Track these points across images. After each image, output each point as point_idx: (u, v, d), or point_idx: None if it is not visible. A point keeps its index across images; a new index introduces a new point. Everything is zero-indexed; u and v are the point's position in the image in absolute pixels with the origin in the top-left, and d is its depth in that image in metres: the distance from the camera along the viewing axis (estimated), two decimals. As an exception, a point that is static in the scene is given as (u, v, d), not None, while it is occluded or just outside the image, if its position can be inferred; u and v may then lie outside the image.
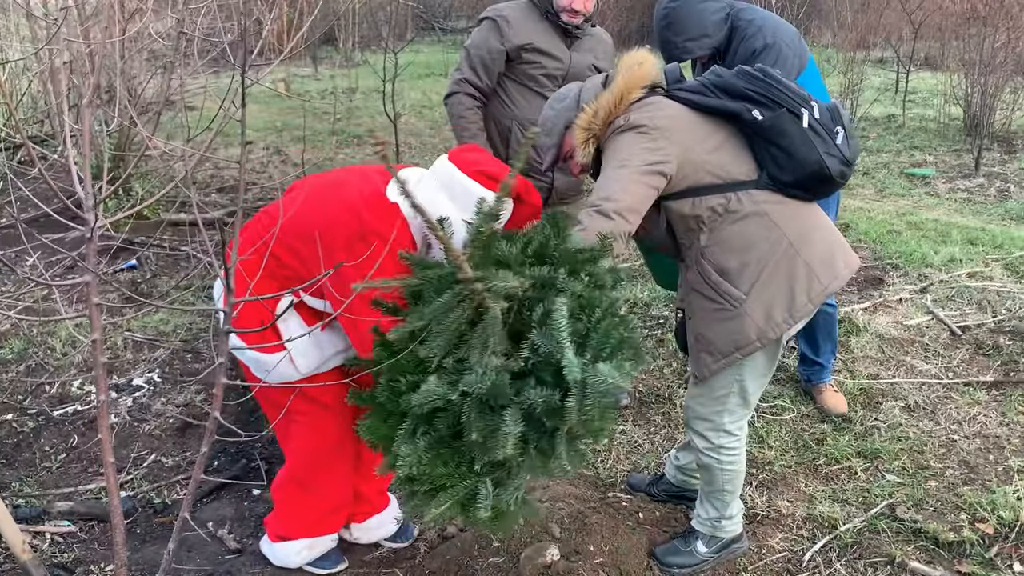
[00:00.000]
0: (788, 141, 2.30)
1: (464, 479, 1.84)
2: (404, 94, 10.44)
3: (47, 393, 3.85)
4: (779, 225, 2.36)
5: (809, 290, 2.38)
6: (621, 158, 2.31)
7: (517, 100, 3.22)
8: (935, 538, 2.90)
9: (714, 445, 2.61)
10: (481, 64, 3.23)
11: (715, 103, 2.36)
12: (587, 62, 3.22)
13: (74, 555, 2.86)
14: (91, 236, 1.44)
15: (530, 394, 1.76)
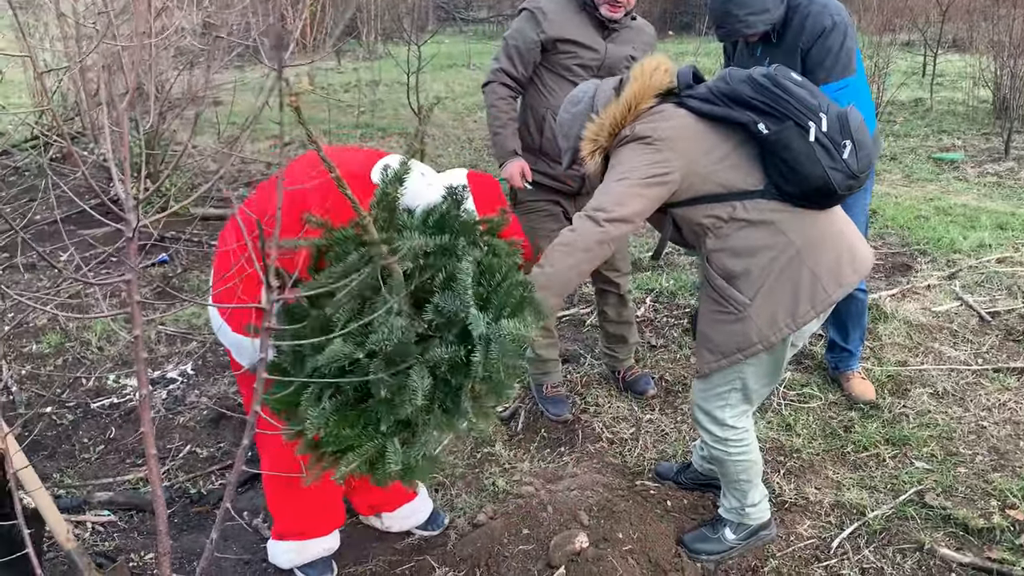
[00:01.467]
0: (792, 155, 2.27)
1: (372, 439, 1.86)
2: (427, 86, 10.47)
3: (84, 386, 3.94)
4: (785, 233, 2.36)
5: (813, 298, 2.38)
6: (622, 170, 2.34)
7: (552, 89, 3.24)
8: (965, 524, 2.90)
9: (719, 438, 2.63)
10: (517, 54, 3.26)
11: (721, 112, 2.35)
12: (624, 53, 3.21)
13: (115, 544, 2.94)
14: (132, 236, 1.48)
15: (435, 352, 1.80)
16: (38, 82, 6.87)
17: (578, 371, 4.03)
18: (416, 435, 1.90)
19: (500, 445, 3.45)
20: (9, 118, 7.22)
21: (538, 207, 3.42)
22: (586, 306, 4.71)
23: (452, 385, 1.87)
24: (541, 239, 3.43)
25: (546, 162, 3.32)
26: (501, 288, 1.91)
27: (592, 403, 3.78)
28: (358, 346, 1.81)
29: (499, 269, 1.95)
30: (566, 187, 3.34)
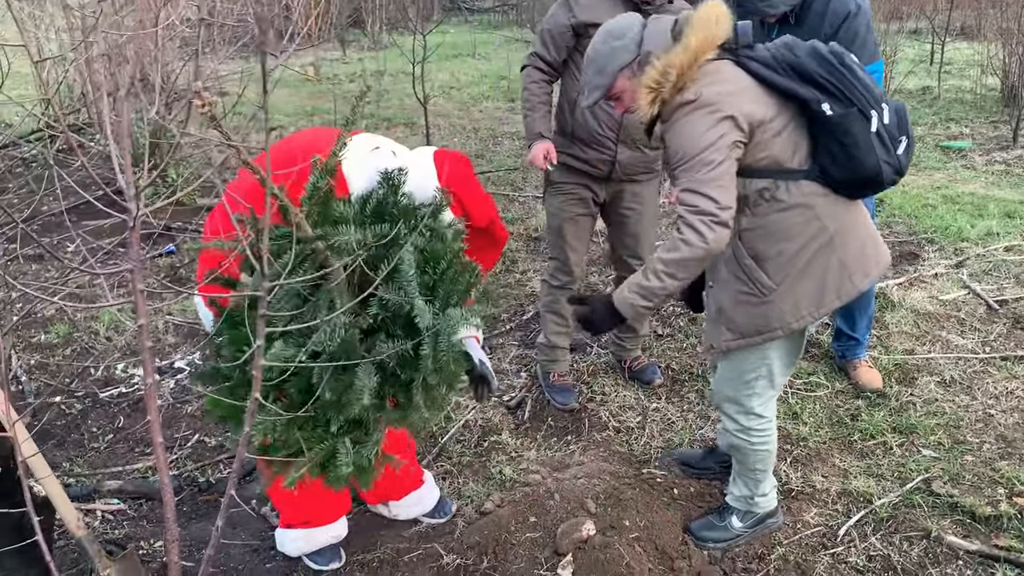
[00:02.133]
0: (852, 141, 2.21)
1: (322, 441, 1.80)
2: (432, 75, 10.45)
3: (92, 376, 3.96)
4: (821, 219, 2.32)
5: (839, 288, 2.36)
6: (706, 144, 2.19)
7: None
8: (972, 512, 2.90)
9: (744, 427, 2.63)
10: (550, 39, 3.28)
11: (785, 84, 2.25)
12: None
13: (124, 532, 2.95)
14: (134, 225, 1.48)
15: (382, 348, 1.74)
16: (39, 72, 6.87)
17: (584, 360, 4.04)
18: (368, 433, 1.86)
19: (507, 434, 3.46)
20: (16, 109, 7.23)
21: (567, 190, 3.43)
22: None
23: (402, 380, 1.81)
24: (566, 222, 3.44)
25: (579, 146, 3.32)
26: (447, 276, 1.86)
27: (599, 392, 3.78)
28: (300, 348, 1.73)
29: (444, 255, 1.89)
30: (597, 171, 3.33)
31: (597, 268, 5.00)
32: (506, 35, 14.48)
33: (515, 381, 3.90)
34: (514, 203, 6.20)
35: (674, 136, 2.25)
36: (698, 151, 2.19)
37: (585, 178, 3.38)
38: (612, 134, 3.24)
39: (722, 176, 2.18)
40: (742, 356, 2.53)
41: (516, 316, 4.53)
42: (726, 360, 2.59)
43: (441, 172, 2.36)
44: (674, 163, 2.25)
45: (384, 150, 2.30)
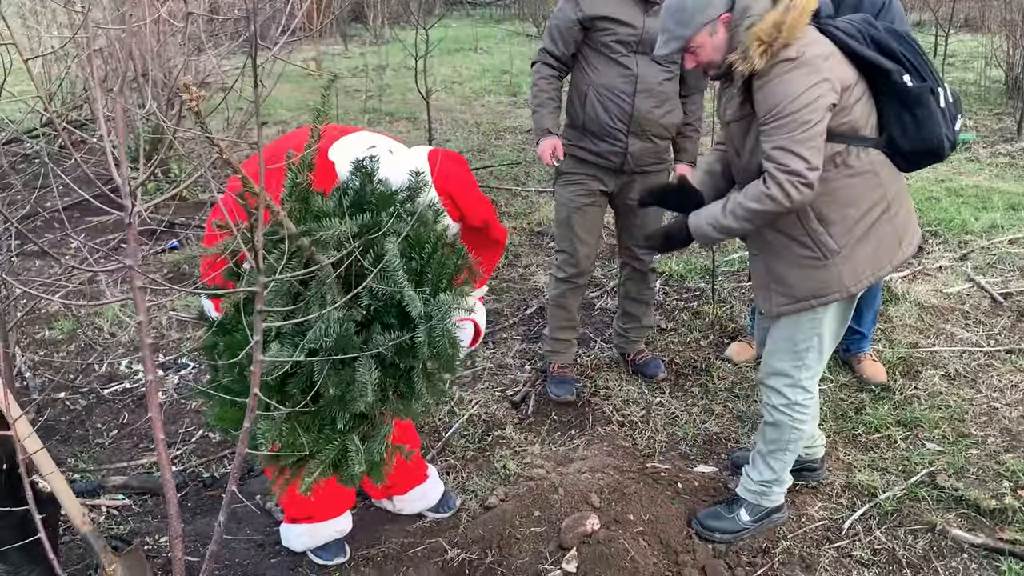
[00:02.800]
0: (925, 113, 2.32)
1: (330, 441, 1.80)
2: (435, 70, 10.43)
3: (96, 372, 3.96)
4: (884, 186, 2.41)
5: (892, 256, 2.46)
6: (805, 103, 2.22)
7: (594, 66, 3.24)
8: (976, 505, 2.89)
9: (790, 401, 2.63)
10: (558, 33, 3.28)
11: (869, 55, 2.32)
12: None
13: (129, 527, 2.96)
14: (130, 221, 1.48)
15: (378, 340, 1.74)
16: (36, 69, 6.87)
17: (588, 354, 4.03)
18: (375, 427, 1.86)
19: (510, 428, 3.46)
20: (19, 105, 7.23)
21: (576, 180, 3.42)
22: (595, 290, 4.70)
23: (402, 369, 1.82)
24: (575, 212, 3.44)
25: (590, 139, 3.32)
26: (434, 259, 1.86)
27: (602, 386, 3.78)
28: (296, 347, 1.72)
29: (428, 239, 1.88)
30: (608, 163, 3.33)
31: (601, 262, 4.99)
32: (508, 29, 14.45)
33: (519, 376, 3.89)
34: (517, 197, 6.20)
35: (771, 92, 2.26)
36: (796, 109, 2.23)
37: (596, 169, 3.38)
38: (623, 126, 3.24)
39: (815, 137, 2.24)
40: (795, 326, 2.55)
41: (520, 311, 4.53)
42: (778, 331, 2.60)
43: (436, 171, 2.36)
44: (767, 118, 2.28)
45: (380, 148, 2.30)
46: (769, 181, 2.27)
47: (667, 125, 3.29)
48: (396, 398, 1.86)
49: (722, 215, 2.40)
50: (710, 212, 2.45)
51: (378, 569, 2.69)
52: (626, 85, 3.19)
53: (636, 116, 3.21)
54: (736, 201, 2.37)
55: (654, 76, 3.20)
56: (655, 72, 3.20)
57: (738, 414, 3.53)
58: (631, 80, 3.19)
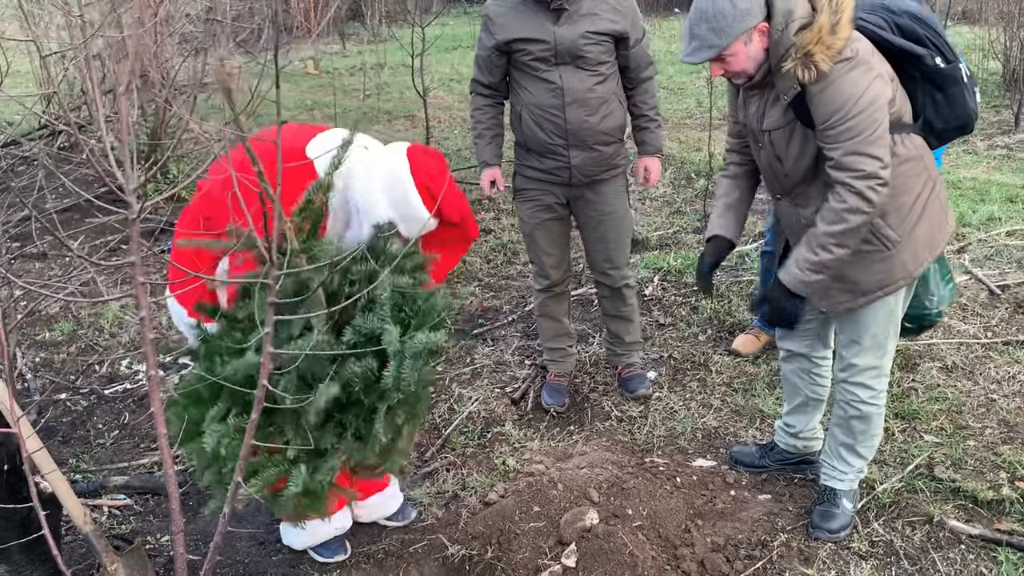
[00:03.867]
0: (957, 91, 2.36)
1: (277, 465, 1.81)
2: (432, 68, 10.44)
3: (97, 373, 3.98)
4: (928, 169, 2.44)
5: (944, 231, 2.51)
6: (868, 102, 2.21)
7: (522, 85, 3.22)
8: (974, 497, 2.91)
9: (878, 391, 2.65)
10: (483, 62, 3.29)
11: (901, 43, 2.34)
12: (579, 32, 3.09)
13: (131, 527, 2.98)
14: (135, 219, 1.49)
15: (350, 368, 1.76)
16: (43, 68, 6.88)
17: (586, 350, 4.04)
18: (325, 460, 1.86)
19: (510, 424, 3.47)
20: (17, 107, 7.24)
21: (531, 196, 3.41)
22: (594, 286, 4.71)
23: (365, 406, 1.83)
24: (536, 228, 3.43)
25: (535, 157, 3.31)
26: (421, 310, 1.91)
27: (601, 382, 3.79)
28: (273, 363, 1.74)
29: (421, 296, 1.94)
30: (556, 177, 3.30)
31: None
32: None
33: (518, 373, 3.91)
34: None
35: (834, 95, 2.22)
36: (862, 109, 2.21)
37: (547, 184, 3.35)
38: (562, 140, 3.20)
39: (884, 135, 2.24)
40: (874, 320, 2.55)
41: (518, 308, 4.54)
42: (855, 329, 2.58)
43: (415, 166, 2.37)
44: (833, 123, 2.23)
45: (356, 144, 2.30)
46: (846, 193, 2.24)
47: (607, 130, 3.22)
48: (353, 438, 1.86)
49: (812, 255, 2.34)
50: (798, 259, 2.38)
51: (379, 566, 2.71)
52: (555, 99, 3.14)
53: (571, 129, 3.16)
54: (818, 234, 2.32)
55: (581, 84, 3.13)
56: (581, 79, 3.12)
57: (736, 408, 3.55)
58: (558, 93, 3.13)
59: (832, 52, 2.20)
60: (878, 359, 2.62)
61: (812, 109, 2.28)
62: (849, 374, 2.66)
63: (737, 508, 2.94)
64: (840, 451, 2.78)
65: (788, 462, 3.09)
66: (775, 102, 2.38)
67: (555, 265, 3.50)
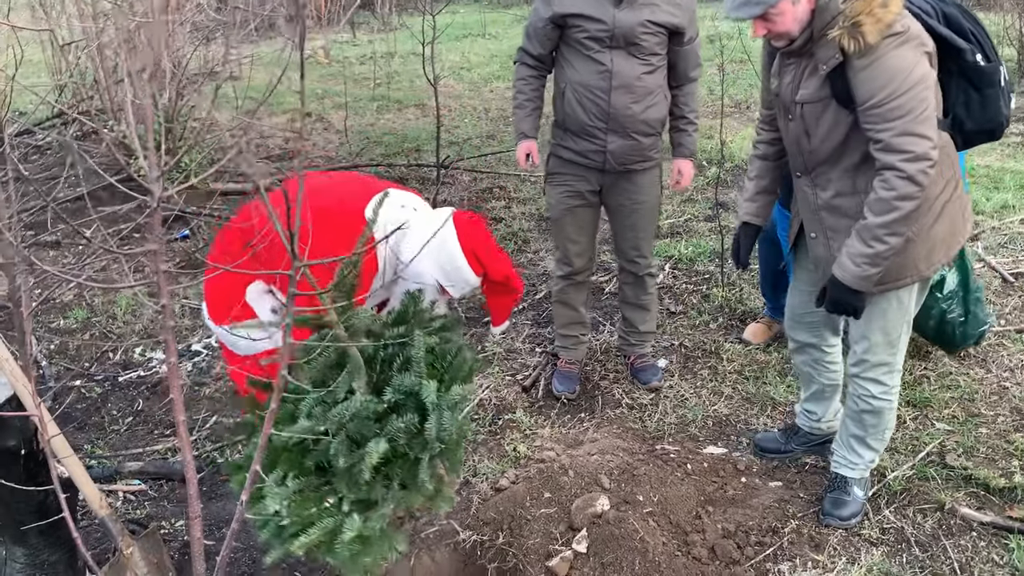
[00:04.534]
0: (993, 93, 2.28)
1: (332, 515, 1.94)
2: (443, 56, 10.42)
3: (111, 360, 4.01)
4: (954, 166, 2.39)
5: (962, 233, 2.45)
6: (917, 79, 2.13)
7: (570, 63, 3.19)
8: (985, 484, 2.90)
9: (889, 387, 2.64)
10: (533, 33, 3.25)
11: (945, 33, 2.25)
12: (639, 19, 3.07)
13: (145, 512, 3.01)
14: (156, 206, 1.51)
15: (393, 425, 1.89)
16: (59, 57, 6.90)
17: (597, 338, 4.05)
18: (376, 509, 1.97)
19: (521, 412, 3.48)
20: (29, 97, 7.27)
21: (563, 181, 3.38)
22: (604, 274, 4.72)
23: (410, 458, 1.95)
24: (564, 214, 3.41)
25: (571, 137, 3.28)
26: (452, 365, 2.05)
27: (612, 370, 3.80)
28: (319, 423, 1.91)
29: (451, 352, 2.08)
30: (589, 162, 3.27)
31: (609, 248, 4.99)
32: (517, 14, 14.41)
33: (528, 360, 3.92)
34: (526, 183, 6.20)
35: (882, 70, 2.14)
36: (912, 85, 2.13)
37: (580, 169, 3.32)
38: (601, 124, 3.17)
39: (933, 115, 2.17)
40: (885, 318, 2.53)
41: (529, 295, 4.55)
42: (867, 326, 2.56)
43: (462, 234, 2.48)
44: (880, 100, 2.15)
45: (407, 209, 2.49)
46: (895, 179, 2.17)
47: (648, 121, 3.20)
48: (399, 487, 1.98)
49: (867, 248, 2.28)
50: (852, 254, 2.32)
51: (391, 550, 2.73)
52: (601, 81, 3.12)
53: (613, 113, 3.14)
54: (870, 226, 2.26)
55: (631, 71, 3.11)
56: (632, 66, 3.10)
57: (747, 396, 3.55)
58: (606, 76, 3.11)
59: (882, 25, 2.11)
60: (890, 356, 2.61)
61: (855, 85, 2.20)
62: (861, 369, 2.64)
63: (748, 495, 2.95)
64: (851, 442, 2.78)
65: (813, 443, 3.09)
66: (812, 73, 2.30)
67: (579, 253, 3.49)
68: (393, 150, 7.08)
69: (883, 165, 2.20)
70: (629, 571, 2.50)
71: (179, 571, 2.62)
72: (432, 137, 6.07)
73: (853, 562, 2.62)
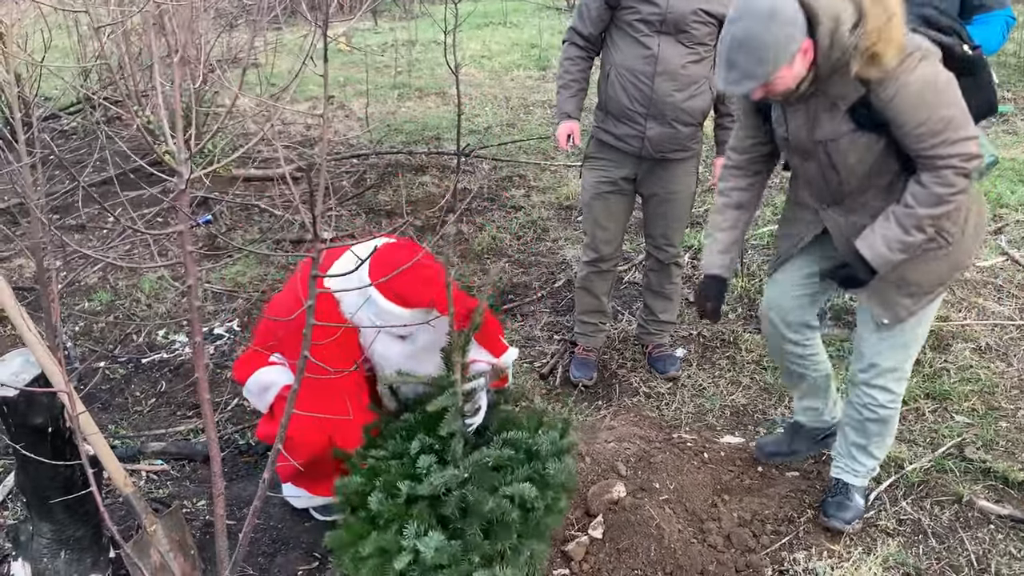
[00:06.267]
0: (985, 76, 2.31)
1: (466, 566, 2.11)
2: (464, 44, 10.41)
3: (135, 342, 4.07)
4: None
5: (985, 229, 2.49)
6: (944, 86, 2.14)
7: (617, 45, 3.19)
8: (1004, 477, 2.90)
9: (896, 394, 2.60)
10: (586, 11, 3.25)
11: (934, 36, 2.24)
12: (691, 7, 3.04)
13: (168, 491, 3.05)
14: (184, 188, 1.53)
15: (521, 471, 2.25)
16: (84, 43, 6.96)
17: (615, 327, 4.06)
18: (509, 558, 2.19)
19: (538, 399, 3.50)
20: (55, 82, 7.35)
21: (600, 166, 3.38)
22: (624, 263, 4.72)
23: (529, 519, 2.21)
24: (595, 198, 3.41)
25: (612, 121, 3.28)
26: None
27: (629, 358, 3.81)
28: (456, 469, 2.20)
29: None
30: (628, 147, 3.26)
31: (630, 236, 5.00)
32: (538, 2, 14.36)
33: (546, 348, 3.93)
34: (546, 172, 6.21)
35: (914, 94, 2.13)
36: (944, 96, 2.14)
37: (618, 155, 3.32)
38: (642, 109, 3.17)
39: (967, 111, 2.17)
40: (916, 322, 2.50)
41: (548, 284, 4.56)
42: (893, 333, 2.51)
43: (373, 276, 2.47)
44: (923, 121, 2.14)
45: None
46: (953, 176, 2.17)
47: (690, 110, 3.18)
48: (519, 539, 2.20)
49: (906, 235, 2.27)
50: (888, 238, 2.30)
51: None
52: (646, 66, 3.11)
53: (655, 99, 3.14)
54: (916, 215, 2.24)
55: (677, 58, 3.09)
56: (678, 53, 3.09)
57: (765, 386, 3.55)
58: (651, 61, 3.10)
59: (897, 45, 2.09)
60: (903, 361, 2.57)
61: (891, 114, 2.17)
62: (870, 375, 2.59)
63: (764, 484, 2.95)
64: (852, 450, 2.75)
65: (819, 439, 3.06)
66: (829, 110, 2.27)
67: (607, 240, 3.48)
68: (414, 138, 7.09)
69: (939, 166, 2.18)
70: (645, 557, 2.52)
71: (201, 549, 2.66)
72: (452, 125, 6.07)
73: (869, 552, 2.63)
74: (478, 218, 5.36)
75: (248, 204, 5.58)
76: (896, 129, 2.19)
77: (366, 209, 5.54)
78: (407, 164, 6.39)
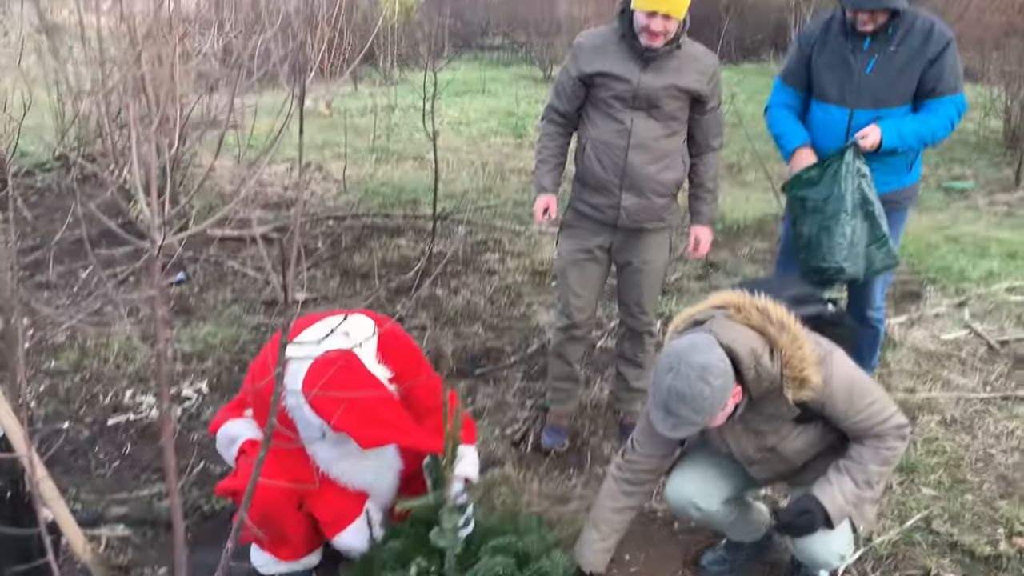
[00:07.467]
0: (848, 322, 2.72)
1: None
2: (442, 111, 10.59)
3: (101, 403, 4.00)
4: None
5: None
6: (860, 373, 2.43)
7: (593, 120, 3.28)
8: (971, 551, 2.91)
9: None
10: (562, 90, 3.35)
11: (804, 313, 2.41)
12: (664, 83, 3.15)
13: (129, 558, 2.98)
14: (157, 253, 1.54)
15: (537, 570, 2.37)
16: (66, 104, 7.00)
17: (587, 394, 4.07)
18: None
19: (510, 466, 3.48)
20: (32, 138, 7.35)
21: (576, 235, 3.44)
22: (597, 329, 4.75)
23: None
24: (570, 265, 3.45)
25: (588, 192, 3.35)
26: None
27: (601, 426, 3.81)
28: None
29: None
30: (604, 216, 3.33)
31: (603, 302, 5.03)
32: (516, 72, 14.69)
33: (519, 414, 3.93)
34: (520, 237, 6.27)
35: (841, 392, 2.34)
36: (866, 383, 2.41)
37: (594, 224, 3.38)
38: (617, 180, 3.25)
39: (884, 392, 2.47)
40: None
41: (520, 349, 4.57)
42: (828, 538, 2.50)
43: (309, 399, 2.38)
44: (856, 411, 2.36)
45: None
46: (893, 441, 2.40)
47: (663, 182, 3.27)
48: None
49: (861, 489, 2.40)
50: (846, 491, 2.39)
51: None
52: (620, 139, 3.21)
53: (629, 171, 3.22)
54: (871, 471, 2.39)
55: (649, 132, 3.19)
56: (651, 127, 3.19)
57: (735, 456, 3.55)
58: (625, 135, 3.20)
59: (813, 362, 2.27)
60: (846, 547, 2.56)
61: (827, 413, 2.37)
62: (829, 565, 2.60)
63: (734, 556, 2.94)
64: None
65: (762, 542, 2.92)
66: (768, 422, 2.42)
67: (581, 308, 3.51)
68: (390, 201, 7.16)
69: (881, 434, 2.39)
70: (613, 630, 2.49)
71: (160, 619, 2.59)
72: (429, 189, 6.14)
73: (838, 627, 2.61)
74: (452, 281, 5.39)
75: (222, 263, 5.57)
76: (834, 422, 2.40)
77: (341, 271, 5.55)
78: (383, 227, 6.44)
